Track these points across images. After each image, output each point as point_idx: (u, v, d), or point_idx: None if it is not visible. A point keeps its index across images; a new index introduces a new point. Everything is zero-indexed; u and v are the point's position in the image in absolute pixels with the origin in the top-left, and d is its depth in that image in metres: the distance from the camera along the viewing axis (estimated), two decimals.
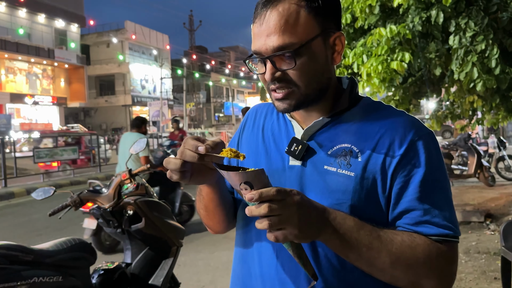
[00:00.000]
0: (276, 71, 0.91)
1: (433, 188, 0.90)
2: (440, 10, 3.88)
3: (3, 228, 6.79)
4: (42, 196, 2.81)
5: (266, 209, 0.76)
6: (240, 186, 0.80)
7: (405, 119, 0.95)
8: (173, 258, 3.05)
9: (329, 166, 0.93)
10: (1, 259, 2.14)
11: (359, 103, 1.00)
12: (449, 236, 0.88)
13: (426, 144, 0.92)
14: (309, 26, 0.89)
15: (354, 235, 0.84)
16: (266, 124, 1.10)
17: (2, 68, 28.52)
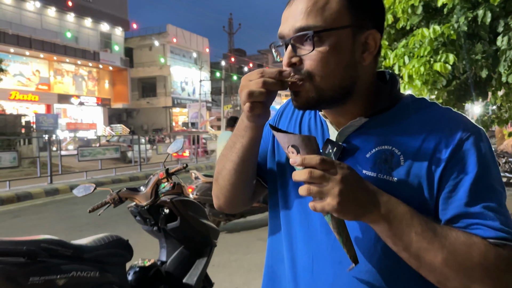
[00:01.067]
0: (293, 55, 0.84)
1: (485, 191, 0.81)
2: (488, 10, 3.71)
3: (48, 222, 7.08)
4: (83, 193, 2.90)
5: (306, 175, 0.74)
6: (288, 149, 0.79)
7: (451, 117, 0.87)
8: (207, 257, 3.07)
9: (368, 171, 0.86)
10: (42, 252, 2.22)
11: (400, 102, 0.91)
12: (507, 239, 0.78)
13: (476, 143, 0.83)
14: (339, 13, 0.83)
15: (406, 221, 0.78)
16: (304, 118, 1.03)
17: (51, 70, 29.87)
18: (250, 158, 0.98)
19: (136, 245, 4.49)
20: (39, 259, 2.20)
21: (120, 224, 6.37)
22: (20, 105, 27.25)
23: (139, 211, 2.92)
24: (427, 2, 4.32)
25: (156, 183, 2.93)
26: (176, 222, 2.93)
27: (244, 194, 1.07)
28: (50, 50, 28.30)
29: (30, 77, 28.38)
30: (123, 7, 35.05)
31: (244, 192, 1.06)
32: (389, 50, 4.85)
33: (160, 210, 2.95)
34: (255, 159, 1.01)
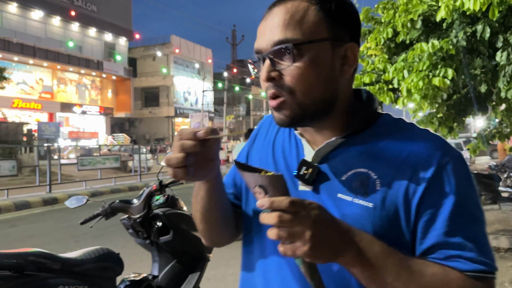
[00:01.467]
0: (272, 69, 0.81)
1: (465, 220, 0.79)
2: (487, 25, 3.70)
3: (44, 232, 7.03)
4: (75, 205, 2.87)
5: (275, 219, 0.70)
6: (254, 189, 0.74)
7: (429, 140, 0.83)
8: (200, 272, 3.02)
9: (344, 195, 0.83)
10: (30, 266, 2.18)
11: (378, 121, 0.89)
12: (485, 272, 0.77)
13: (455, 168, 0.80)
14: (317, 26, 0.81)
15: (380, 262, 0.74)
16: (278, 138, 0.99)
17: (54, 79, 30.05)
18: (215, 205, 0.96)
19: (131, 258, 4.46)
20: (26, 272, 2.16)
21: (117, 235, 6.31)
22: (22, 113, 27.36)
23: (132, 223, 2.88)
24: (426, 16, 4.32)
25: (150, 196, 2.90)
26: (169, 236, 2.89)
27: (226, 232, 1.04)
28: (53, 59, 28.50)
29: (33, 85, 28.54)
30: (127, 18, 35.34)
31: (225, 230, 1.03)
32: (389, 64, 4.84)
33: (153, 223, 2.90)
34: (222, 204, 0.98)
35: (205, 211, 0.96)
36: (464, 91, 5.07)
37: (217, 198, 0.95)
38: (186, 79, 41.70)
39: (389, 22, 4.93)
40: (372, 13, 5.54)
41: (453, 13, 3.77)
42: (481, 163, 17.36)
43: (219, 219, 0.99)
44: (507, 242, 5.67)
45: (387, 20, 4.95)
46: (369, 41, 5.24)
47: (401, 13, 4.49)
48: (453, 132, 5.44)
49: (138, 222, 2.84)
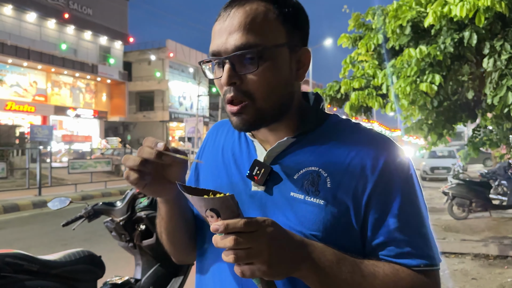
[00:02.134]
0: (234, 74, 0.81)
1: (411, 216, 0.83)
2: (474, 32, 3.72)
3: (32, 235, 6.97)
4: (57, 206, 2.83)
5: (232, 242, 0.69)
6: (205, 213, 0.72)
7: (376, 140, 0.86)
8: (183, 276, 2.99)
9: (296, 193, 0.84)
10: (6, 267, 2.15)
11: (326, 121, 0.91)
12: (432, 265, 0.82)
13: (401, 167, 0.84)
14: (277, 31, 0.82)
15: (334, 270, 0.76)
16: (226, 143, 0.99)
17: (48, 81, 29.91)
18: (177, 227, 0.96)
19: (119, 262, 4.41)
20: (3, 274, 2.13)
21: (105, 239, 6.25)
22: (15, 115, 27.18)
23: (115, 226, 2.85)
24: (415, 23, 4.34)
25: (133, 198, 2.88)
26: (152, 239, 2.86)
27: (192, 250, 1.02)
28: (48, 62, 28.36)
29: (27, 88, 28.38)
30: (123, 21, 35.32)
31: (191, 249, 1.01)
32: (379, 69, 4.85)
33: (136, 226, 2.88)
34: (184, 225, 0.97)
35: (167, 232, 0.97)
36: (454, 98, 5.09)
37: (178, 220, 0.94)
38: (181, 83, 41.67)
39: (379, 29, 4.96)
40: (363, 19, 5.56)
41: (441, 20, 3.78)
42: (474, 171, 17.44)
43: (183, 239, 0.99)
44: (497, 249, 5.68)
45: (378, 27, 4.97)
46: (359, 47, 5.26)
47: (391, 19, 4.51)
48: (443, 138, 5.45)
49: (121, 225, 2.81)
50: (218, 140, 1.02)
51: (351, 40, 5.75)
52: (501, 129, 5.25)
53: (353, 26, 5.69)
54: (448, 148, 18.93)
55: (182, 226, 0.96)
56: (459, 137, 29.99)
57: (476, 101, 4.95)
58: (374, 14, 5.15)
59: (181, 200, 0.91)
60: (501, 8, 3.48)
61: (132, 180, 0.80)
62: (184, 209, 0.96)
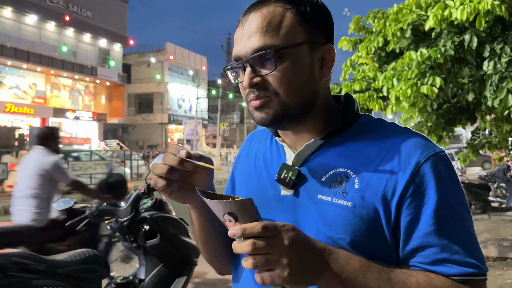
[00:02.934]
0: (254, 76, 0.82)
1: (449, 219, 0.77)
2: (474, 35, 3.76)
3: None
4: (62, 207, 2.86)
5: (249, 247, 0.67)
6: (223, 217, 0.71)
7: (409, 138, 0.82)
8: (187, 276, 3.02)
9: (323, 195, 0.82)
10: (13, 266, 2.17)
11: (357, 122, 0.89)
12: (474, 274, 0.76)
13: (436, 165, 0.79)
14: (294, 30, 0.83)
15: (359, 279, 0.73)
16: (259, 151, 1.00)
17: (47, 84, 29.90)
18: (212, 231, 0.96)
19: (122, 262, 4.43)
20: (10, 273, 2.15)
21: None
22: (15, 117, 27.14)
23: (119, 227, 2.87)
24: (416, 26, 4.38)
25: (137, 199, 2.90)
26: (156, 239, 2.89)
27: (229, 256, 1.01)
28: (47, 64, 28.35)
29: (26, 90, 28.36)
30: (122, 24, 35.34)
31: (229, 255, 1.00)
32: (379, 72, 4.88)
33: (140, 227, 2.90)
34: (219, 230, 0.95)
35: (201, 240, 0.98)
36: (453, 100, 5.12)
37: (209, 227, 0.94)
38: (180, 86, 41.70)
39: (380, 32, 4.99)
40: (363, 22, 5.60)
41: (441, 23, 3.82)
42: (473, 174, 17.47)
43: (217, 248, 0.99)
44: (496, 251, 5.70)
45: (378, 30, 5.01)
46: (360, 50, 5.30)
47: (391, 22, 4.55)
48: (442, 141, 5.48)
49: (125, 225, 2.83)
50: (252, 149, 1.04)
51: (351, 43, 5.78)
52: (501, 131, 5.28)
53: (353, 29, 5.73)
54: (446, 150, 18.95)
55: (213, 234, 0.96)
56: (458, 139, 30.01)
57: (475, 104, 4.98)
58: (374, 17, 5.19)
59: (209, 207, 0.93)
60: (501, 11, 3.52)
61: (160, 187, 0.82)
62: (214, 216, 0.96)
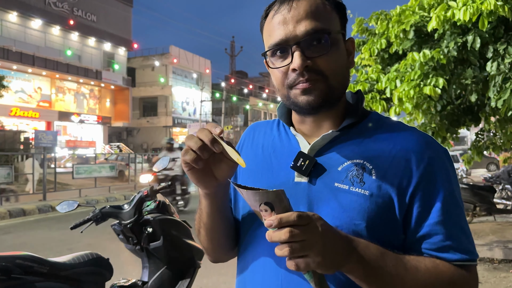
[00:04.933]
0: (305, 58, 0.85)
1: (453, 211, 0.86)
2: (477, 36, 3.75)
3: (37, 239, 7.00)
4: (66, 209, 2.86)
5: (287, 235, 0.70)
6: (260, 207, 0.74)
7: (419, 137, 0.90)
8: (190, 279, 3.01)
9: (340, 184, 0.87)
10: (17, 269, 2.17)
11: (368, 118, 0.95)
12: (470, 260, 0.85)
13: (443, 163, 0.88)
14: (335, 20, 0.90)
15: (379, 263, 0.78)
16: (266, 141, 1.02)
17: (53, 87, 30.06)
18: (219, 220, 0.97)
19: (125, 266, 4.44)
20: (13, 275, 2.16)
21: (111, 242, 6.28)
22: (20, 121, 27.30)
23: (122, 229, 2.87)
24: (419, 27, 4.37)
25: (141, 201, 2.90)
26: (159, 242, 2.89)
27: (230, 248, 1.05)
28: (52, 68, 28.51)
29: (31, 94, 28.54)
30: (127, 28, 35.50)
31: (229, 247, 1.04)
32: (382, 74, 4.88)
33: (143, 229, 2.90)
34: (226, 220, 0.99)
35: (206, 227, 0.98)
36: (457, 102, 5.10)
37: (218, 216, 0.96)
38: (185, 89, 41.78)
39: (383, 33, 4.98)
40: (366, 24, 5.60)
41: (444, 24, 3.81)
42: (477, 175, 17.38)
43: (222, 236, 1.01)
44: (501, 253, 5.67)
45: (381, 31, 5.00)
46: (363, 52, 5.29)
47: (394, 24, 4.54)
48: (446, 142, 5.46)
49: (129, 227, 2.83)
50: (257, 139, 1.05)
51: None
52: (505, 132, 5.25)
53: (356, 31, 5.73)
54: (451, 152, 18.90)
55: (221, 223, 0.98)
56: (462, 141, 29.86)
57: (479, 105, 4.96)
58: (377, 19, 5.18)
59: (221, 197, 0.94)
60: (504, 12, 3.51)
61: (187, 158, 0.81)
62: (225, 206, 0.98)
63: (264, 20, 0.92)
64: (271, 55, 0.90)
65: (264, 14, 0.92)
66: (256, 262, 0.94)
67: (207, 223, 0.97)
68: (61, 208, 2.88)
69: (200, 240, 1.04)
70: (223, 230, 1.00)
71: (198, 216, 1.00)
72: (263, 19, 0.93)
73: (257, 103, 49.22)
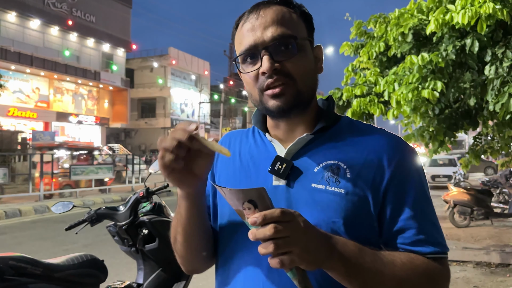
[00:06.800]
0: (274, 62, 0.88)
1: (425, 206, 0.91)
2: (476, 39, 3.74)
3: (33, 240, 6.96)
4: (61, 210, 2.84)
5: (272, 230, 0.71)
6: (243, 206, 0.74)
7: (389, 137, 0.95)
8: (186, 281, 2.99)
9: (317, 184, 0.90)
10: (10, 270, 2.15)
11: (340, 121, 0.99)
12: (442, 253, 0.89)
13: (414, 161, 0.93)
14: (301, 27, 0.93)
15: (358, 259, 0.80)
16: (243, 148, 1.04)
17: (51, 88, 30.01)
18: (199, 225, 0.95)
19: (121, 268, 4.42)
20: (6, 277, 2.14)
21: (106, 243, 6.26)
22: (18, 121, 27.23)
23: (117, 230, 2.85)
24: (417, 30, 4.37)
25: (136, 202, 2.88)
26: (154, 244, 2.86)
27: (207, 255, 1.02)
28: (51, 68, 28.46)
29: (29, 94, 28.47)
30: (126, 29, 35.49)
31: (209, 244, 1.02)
32: (380, 77, 4.87)
33: (139, 231, 2.88)
34: (204, 226, 0.97)
35: (185, 232, 0.95)
36: (455, 106, 5.10)
37: (197, 220, 0.94)
38: (183, 90, 41.80)
39: (381, 36, 4.98)
40: (365, 27, 5.60)
41: (443, 27, 3.81)
42: (475, 179, 17.40)
43: (200, 243, 0.98)
44: (498, 257, 5.66)
45: (379, 34, 5.00)
46: (361, 55, 5.29)
47: (393, 27, 4.54)
48: (444, 146, 5.46)
49: (124, 229, 2.81)
50: (233, 148, 1.06)
51: (353, 48, 5.78)
52: (503, 136, 5.25)
53: (355, 34, 5.73)
54: (449, 156, 18.93)
55: (200, 228, 0.96)
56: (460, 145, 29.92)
57: (477, 109, 4.96)
58: (376, 22, 5.18)
59: (201, 196, 0.93)
60: (502, 15, 3.51)
61: (166, 160, 0.79)
62: (204, 208, 0.97)
63: (235, 30, 0.96)
64: (242, 61, 0.93)
65: (235, 25, 0.96)
66: (237, 269, 0.93)
67: (186, 228, 0.94)
68: (56, 209, 2.86)
69: (176, 249, 1.01)
70: (202, 237, 0.98)
71: (175, 222, 0.97)
72: (234, 29, 0.97)
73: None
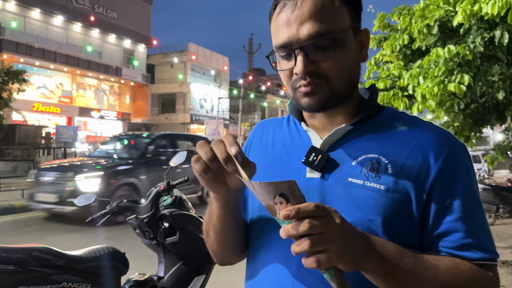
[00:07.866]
0: (309, 62, 0.82)
1: (473, 208, 0.82)
2: (505, 30, 3.60)
3: (55, 232, 7.09)
4: (83, 203, 2.86)
5: (306, 226, 0.65)
6: (274, 200, 0.68)
7: (437, 131, 0.87)
8: (206, 275, 2.99)
9: (355, 179, 0.83)
10: (33, 261, 2.17)
11: (383, 111, 0.92)
12: (491, 259, 0.81)
13: (463, 158, 0.85)
14: (343, 15, 0.84)
15: (397, 262, 0.74)
16: (276, 137, 0.99)
17: (73, 83, 30.55)
18: (230, 224, 0.92)
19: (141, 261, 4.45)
20: (30, 267, 2.16)
21: (128, 237, 6.32)
22: (42, 116, 27.84)
23: (139, 223, 2.86)
24: (443, 22, 4.24)
25: (157, 196, 2.88)
26: (175, 237, 2.87)
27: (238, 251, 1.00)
28: (73, 64, 28.98)
29: (53, 89, 29.05)
30: (146, 25, 35.82)
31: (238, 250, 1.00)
32: (404, 70, 4.76)
33: (160, 224, 2.88)
34: (236, 223, 0.94)
35: (216, 230, 0.94)
36: (482, 100, 4.95)
37: (228, 218, 0.91)
38: (203, 86, 41.99)
39: (405, 29, 4.86)
40: (388, 19, 5.48)
41: (471, 18, 3.68)
42: (500, 176, 16.98)
43: (232, 240, 0.97)
44: None
45: (403, 27, 4.88)
46: (384, 48, 5.18)
47: (417, 19, 4.42)
48: (470, 141, 5.31)
49: (145, 222, 2.82)
50: (266, 136, 1.02)
51: (376, 41, 5.67)
52: None
53: (378, 26, 5.61)
54: (473, 152, 18.54)
55: (232, 226, 0.93)
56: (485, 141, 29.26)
57: (505, 103, 4.80)
58: (400, 14, 5.06)
59: (233, 201, 0.89)
60: None
61: (197, 167, 0.77)
62: (236, 210, 0.93)
63: (272, 12, 0.89)
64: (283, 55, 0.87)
65: (273, 6, 0.88)
66: (266, 265, 0.89)
67: (216, 226, 0.93)
68: (79, 201, 2.88)
69: (208, 243, 0.99)
70: (234, 234, 0.95)
71: (207, 217, 0.96)
72: (272, 10, 0.89)
73: (274, 101, 49.09)
